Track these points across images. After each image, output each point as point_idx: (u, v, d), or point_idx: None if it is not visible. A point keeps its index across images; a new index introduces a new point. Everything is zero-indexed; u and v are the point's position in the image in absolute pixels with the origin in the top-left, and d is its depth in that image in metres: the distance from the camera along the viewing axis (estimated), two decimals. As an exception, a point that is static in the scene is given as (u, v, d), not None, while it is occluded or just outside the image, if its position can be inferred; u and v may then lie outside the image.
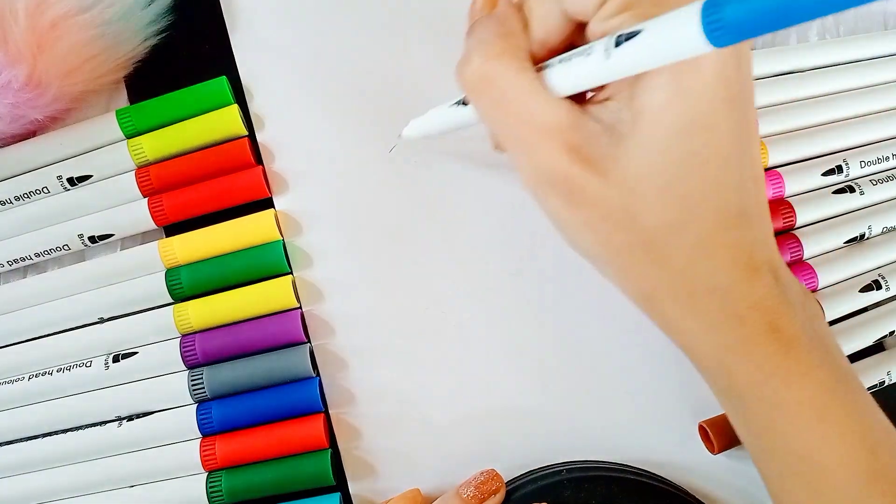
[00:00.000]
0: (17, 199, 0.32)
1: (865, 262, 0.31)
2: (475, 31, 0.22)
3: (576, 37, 0.22)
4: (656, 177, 0.20)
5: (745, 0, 0.14)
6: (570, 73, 0.21)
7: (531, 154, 0.22)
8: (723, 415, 0.29)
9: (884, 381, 0.30)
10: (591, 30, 0.21)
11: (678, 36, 0.17)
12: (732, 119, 0.20)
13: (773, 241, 0.23)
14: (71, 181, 0.32)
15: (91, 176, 0.32)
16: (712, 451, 0.29)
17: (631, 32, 0.18)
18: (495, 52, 0.21)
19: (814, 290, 0.30)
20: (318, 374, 0.30)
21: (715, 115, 0.20)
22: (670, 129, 0.20)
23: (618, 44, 0.19)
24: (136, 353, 0.30)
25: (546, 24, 0.22)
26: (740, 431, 0.24)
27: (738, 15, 0.15)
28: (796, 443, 0.22)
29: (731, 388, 0.23)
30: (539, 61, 0.22)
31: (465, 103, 0.25)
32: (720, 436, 0.28)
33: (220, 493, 0.28)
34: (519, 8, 0.22)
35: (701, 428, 0.29)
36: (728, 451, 0.29)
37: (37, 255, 0.32)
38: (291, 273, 0.31)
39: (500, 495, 0.27)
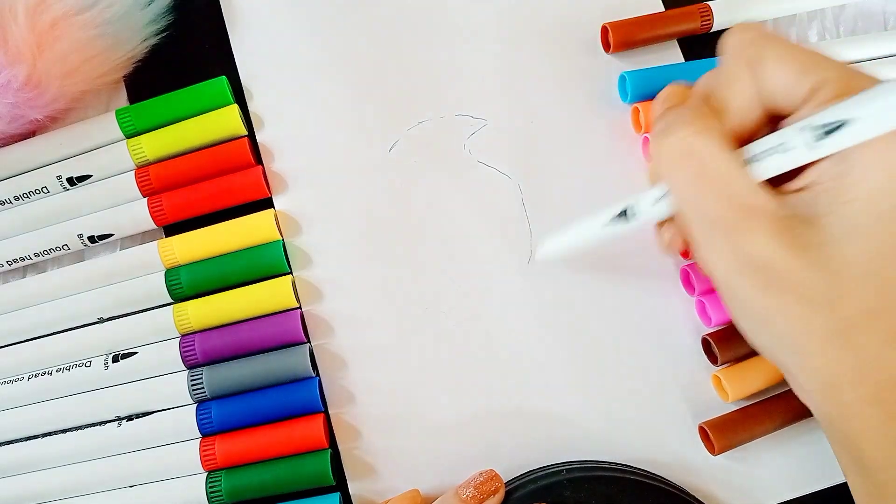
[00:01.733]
0: (16, 199, 0.32)
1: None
2: (670, 113, 0.23)
3: (766, 126, 0.23)
4: (861, 262, 0.21)
5: None
6: (776, 159, 0.21)
7: (733, 235, 0.22)
8: (723, 416, 0.29)
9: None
10: (793, 118, 0.22)
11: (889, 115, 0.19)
12: None
13: None
14: (71, 181, 0.32)
15: (91, 176, 0.32)
16: (712, 452, 0.29)
17: (841, 121, 0.20)
18: (698, 128, 0.22)
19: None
20: (317, 374, 0.30)
21: None
22: (879, 217, 0.20)
23: (829, 132, 0.20)
24: (135, 353, 0.30)
25: (741, 115, 0.22)
26: None
27: None
28: None
29: None
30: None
31: (624, 216, 0.25)
32: (720, 437, 0.28)
33: (219, 493, 0.28)
34: (706, 100, 0.23)
35: (701, 429, 0.29)
36: (728, 452, 0.29)
37: (36, 255, 0.32)
38: (291, 273, 0.31)
39: (500, 496, 0.27)
